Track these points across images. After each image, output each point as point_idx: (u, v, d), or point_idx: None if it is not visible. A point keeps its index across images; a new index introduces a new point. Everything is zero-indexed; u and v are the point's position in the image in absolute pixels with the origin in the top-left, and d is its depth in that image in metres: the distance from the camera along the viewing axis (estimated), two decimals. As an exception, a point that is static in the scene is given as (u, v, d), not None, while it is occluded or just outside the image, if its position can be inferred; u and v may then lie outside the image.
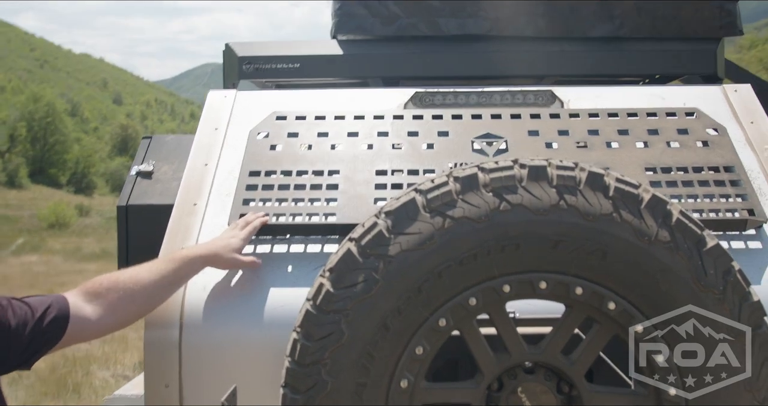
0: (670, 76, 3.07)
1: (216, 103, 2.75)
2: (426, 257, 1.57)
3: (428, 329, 1.60)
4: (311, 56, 2.93)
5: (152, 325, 2.13)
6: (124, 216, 2.63)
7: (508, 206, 1.57)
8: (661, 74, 2.97)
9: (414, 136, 2.51)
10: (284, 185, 2.37)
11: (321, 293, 1.61)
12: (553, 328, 1.68)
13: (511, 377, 1.69)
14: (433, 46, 2.94)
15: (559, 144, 2.46)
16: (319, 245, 2.28)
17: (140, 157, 2.82)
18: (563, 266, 1.59)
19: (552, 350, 1.66)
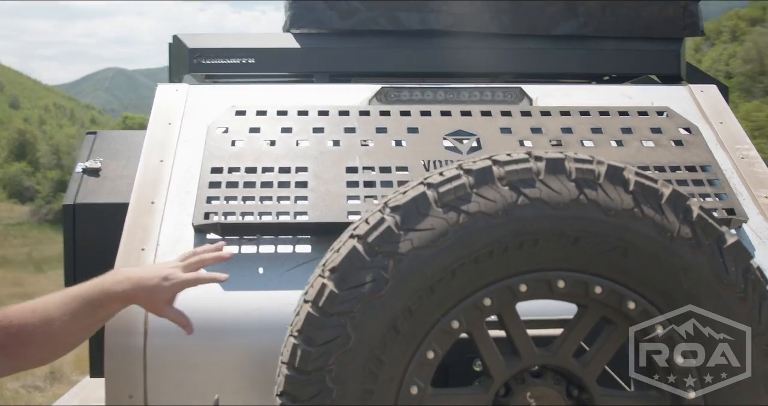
0: (628, 76, 3.05)
1: (167, 98, 2.58)
2: (439, 255, 1.46)
3: (440, 331, 1.49)
4: (267, 50, 2.78)
5: (113, 331, 1.96)
6: (71, 216, 2.43)
7: (526, 201, 1.47)
8: (625, 73, 2.95)
9: (383, 133, 2.40)
10: (250, 183, 2.22)
11: (324, 294, 1.47)
12: (565, 329, 1.60)
13: (519, 381, 1.59)
14: (395, 42, 2.84)
15: (533, 142, 2.39)
16: (290, 245, 2.15)
17: (85, 154, 2.62)
18: (582, 264, 1.51)
19: (564, 352, 1.57)
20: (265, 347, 1.96)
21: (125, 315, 1.96)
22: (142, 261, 2.08)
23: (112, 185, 2.50)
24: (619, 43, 2.89)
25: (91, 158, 2.58)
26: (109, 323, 1.95)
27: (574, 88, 2.72)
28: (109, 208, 2.42)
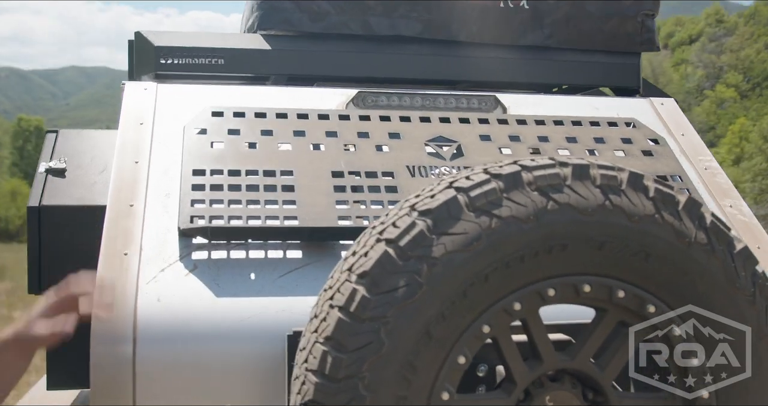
0: (579, 88, 3.13)
1: (136, 96, 2.49)
2: (473, 259, 1.46)
3: (471, 336, 1.49)
4: (239, 50, 2.72)
5: (100, 339, 1.87)
6: (36, 219, 2.31)
7: (556, 206, 1.49)
8: (587, 85, 3.03)
9: (365, 138, 2.39)
10: (234, 186, 2.17)
11: (355, 299, 1.45)
12: (584, 333, 1.62)
13: (538, 385, 1.60)
14: (365, 46, 2.83)
15: (512, 149, 2.43)
16: (280, 250, 2.11)
17: (48, 154, 2.50)
18: (607, 269, 1.54)
19: (583, 356, 1.60)
20: (262, 355, 1.92)
21: (112, 321, 1.88)
22: (126, 266, 2.00)
23: (81, 187, 2.39)
24: (582, 56, 2.97)
25: (54, 158, 2.47)
26: (95, 330, 1.87)
27: (544, 98, 2.78)
28: (78, 210, 2.32)
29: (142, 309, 1.91)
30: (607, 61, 2.99)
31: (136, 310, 1.91)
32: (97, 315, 1.80)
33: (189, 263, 2.03)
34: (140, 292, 1.94)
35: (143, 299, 1.93)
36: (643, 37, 3.02)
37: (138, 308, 1.91)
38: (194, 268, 2.02)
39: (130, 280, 1.97)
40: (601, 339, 1.61)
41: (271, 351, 1.91)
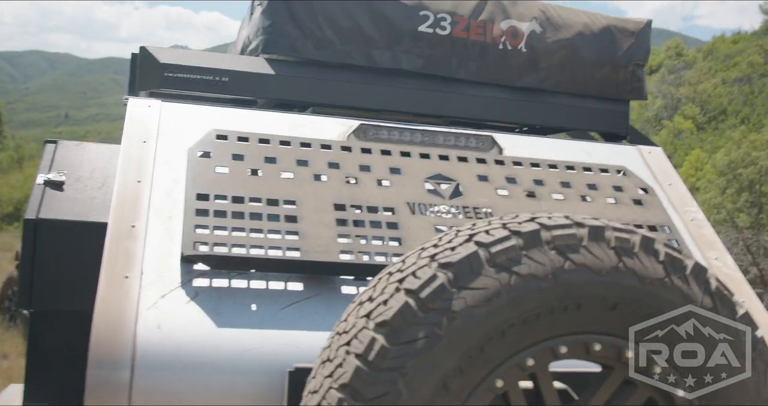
0: (558, 129, 3.20)
1: (140, 113, 2.49)
2: (492, 314, 1.49)
3: (485, 389, 1.52)
4: (243, 73, 2.73)
5: (97, 363, 1.86)
6: (33, 232, 2.28)
7: (573, 266, 1.53)
8: (578, 129, 3.10)
9: (366, 171, 2.42)
10: (238, 213, 2.18)
11: (374, 348, 1.47)
12: (590, 390, 1.66)
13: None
14: (368, 77, 2.86)
15: (509, 191, 2.48)
16: (281, 281, 2.12)
17: (46, 165, 2.48)
18: (618, 329, 1.58)
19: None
20: (261, 389, 1.92)
21: (111, 346, 1.87)
22: (126, 290, 1.99)
23: (80, 201, 2.37)
24: (574, 100, 3.04)
25: (53, 170, 2.44)
26: (92, 354, 1.86)
27: (537, 140, 2.83)
28: (76, 226, 2.30)
29: (141, 335, 1.90)
30: (597, 107, 3.06)
31: (135, 336, 1.90)
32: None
33: (190, 290, 2.02)
34: (140, 317, 1.93)
35: (143, 325, 1.92)
36: (632, 85, 3.10)
37: (138, 334, 1.90)
38: (195, 295, 2.01)
39: (130, 304, 1.96)
40: (607, 395, 1.65)
41: (271, 386, 1.92)
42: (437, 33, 2.87)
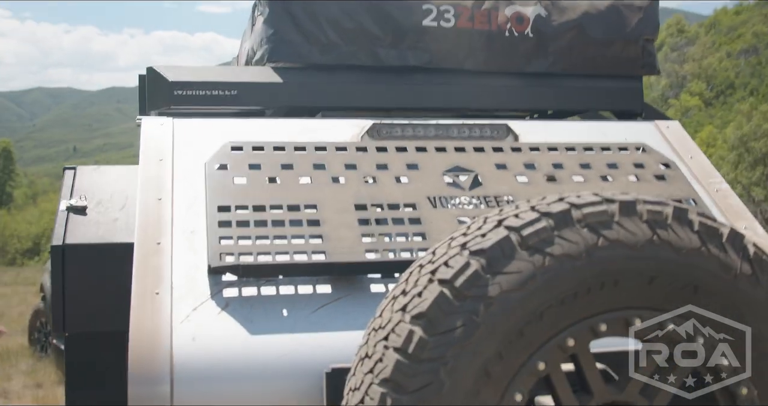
0: (575, 112, 3.17)
1: (154, 132, 2.49)
2: (528, 298, 1.47)
3: (527, 373, 1.50)
4: (251, 84, 2.73)
5: (137, 380, 1.86)
6: (60, 257, 2.29)
7: (606, 242, 1.51)
8: (593, 110, 3.07)
9: (383, 170, 2.41)
10: (261, 221, 2.17)
11: (412, 340, 1.45)
12: (631, 366, 1.64)
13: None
14: (374, 77, 2.85)
15: (528, 177, 2.46)
16: (309, 285, 2.11)
17: (67, 191, 2.49)
18: (657, 302, 1.56)
19: (632, 389, 1.61)
20: (299, 392, 1.91)
21: (149, 361, 1.87)
22: (158, 305, 1.99)
23: (102, 224, 2.38)
24: (586, 81, 3.02)
25: (74, 195, 2.45)
26: (132, 371, 1.86)
27: (552, 124, 2.81)
28: (102, 248, 2.31)
29: (177, 349, 1.90)
30: (611, 86, 3.03)
31: (172, 350, 1.90)
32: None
33: (221, 300, 2.02)
34: (175, 332, 1.93)
35: (178, 338, 1.92)
36: (644, 61, 3.07)
37: (174, 348, 1.90)
38: (226, 306, 2.01)
39: (163, 319, 1.96)
40: (650, 370, 1.62)
41: (309, 388, 1.91)
42: (442, 26, 2.86)
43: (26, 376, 8.97)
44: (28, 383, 8.63)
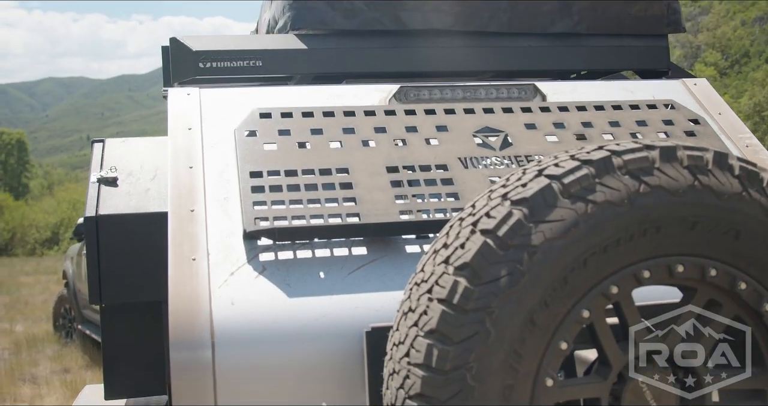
0: (603, 72, 3.15)
1: (181, 102, 2.49)
2: (571, 245, 1.47)
3: (572, 321, 1.50)
4: (276, 51, 2.72)
5: (179, 345, 1.87)
6: (95, 228, 2.30)
7: (648, 189, 1.51)
8: (618, 69, 3.05)
9: (413, 132, 2.40)
10: (293, 186, 2.18)
11: (457, 291, 1.45)
12: (674, 314, 1.64)
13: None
14: (400, 41, 2.83)
15: (559, 137, 2.45)
16: (344, 248, 2.11)
17: (97, 164, 2.50)
18: (698, 248, 1.55)
19: (674, 338, 1.61)
20: (339, 353, 1.92)
21: (189, 327, 1.89)
22: (195, 271, 2.00)
23: (134, 195, 2.39)
24: (611, 40, 2.99)
25: (104, 167, 2.46)
26: (173, 337, 1.88)
27: (579, 84, 2.79)
28: (135, 218, 2.32)
29: (217, 313, 1.91)
30: (636, 44, 3.00)
31: (211, 314, 1.91)
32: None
33: (257, 265, 2.03)
34: (213, 296, 1.94)
35: (217, 303, 1.93)
36: (669, 18, 3.04)
37: (213, 313, 1.91)
38: (263, 270, 2.02)
39: (201, 285, 1.97)
40: (692, 318, 1.62)
41: (348, 348, 1.92)
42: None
43: (53, 361, 9.08)
44: (55, 369, 8.74)
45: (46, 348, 9.91)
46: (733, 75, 35.56)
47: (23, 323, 12.13)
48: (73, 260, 9.85)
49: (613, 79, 3.09)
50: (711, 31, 39.40)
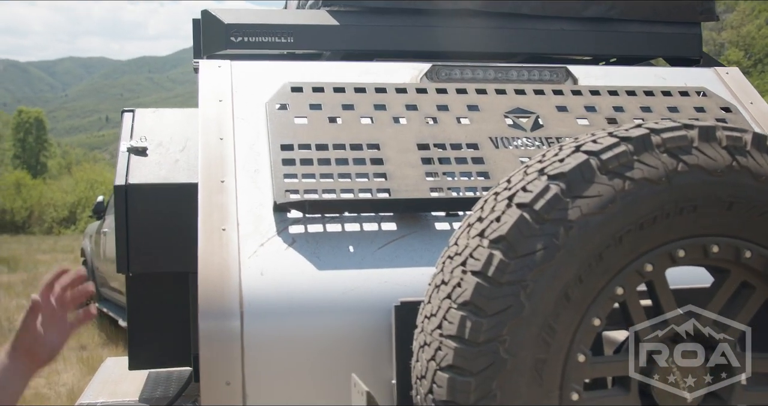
0: (636, 59, 3.13)
1: (212, 74, 2.49)
2: (608, 221, 1.47)
3: (606, 297, 1.50)
4: (308, 26, 2.72)
5: (208, 314, 1.88)
6: (124, 197, 2.32)
7: (686, 167, 1.50)
8: (650, 55, 3.03)
9: (444, 111, 2.40)
10: (324, 160, 2.18)
11: (492, 263, 1.46)
12: (707, 294, 1.63)
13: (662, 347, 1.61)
14: (432, 20, 2.83)
15: (590, 120, 2.44)
16: (374, 222, 2.12)
17: (127, 133, 2.51)
18: (734, 229, 1.55)
19: (706, 318, 1.61)
20: (367, 326, 1.93)
21: (219, 296, 1.90)
22: (225, 241, 2.01)
23: (163, 165, 2.41)
24: (644, 27, 2.97)
25: (134, 137, 2.48)
26: (202, 306, 1.89)
27: (611, 69, 2.78)
28: (164, 189, 2.34)
29: (246, 283, 1.92)
30: (669, 32, 2.98)
31: (240, 285, 1.92)
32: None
33: (287, 237, 2.04)
34: (243, 266, 1.95)
35: (247, 273, 1.94)
36: (702, 6, 3.02)
37: (243, 283, 1.92)
38: (293, 242, 2.03)
39: (231, 255, 1.98)
40: (724, 301, 1.62)
41: (376, 322, 1.93)
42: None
43: (70, 339, 9.14)
44: (72, 346, 8.81)
45: (63, 325, 9.98)
46: (755, 74, 35.20)
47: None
48: (92, 238, 9.92)
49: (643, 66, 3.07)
50: (735, 29, 39.01)
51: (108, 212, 8.96)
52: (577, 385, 1.50)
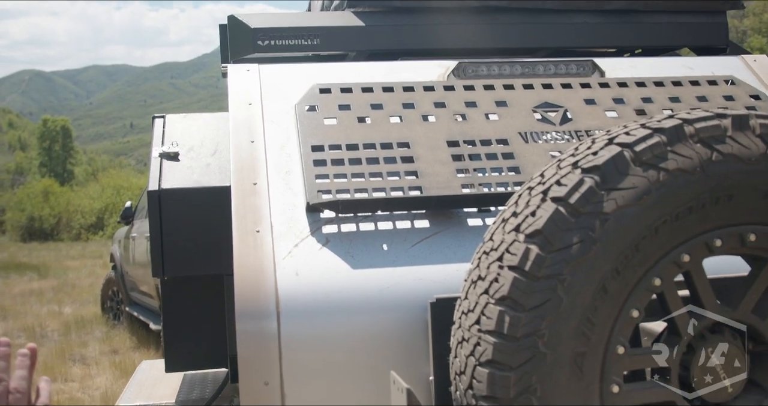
0: (663, 49, 3.11)
1: (241, 78, 2.52)
2: (643, 213, 1.47)
3: (643, 289, 1.50)
4: (334, 28, 2.74)
5: (245, 315, 1.90)
6: (157, 202, 2.35)
7: (720, 157, 1.50)
8: (676, 46, 3.02)
9: (473, 107, 2.40)
10: (355, 159, 2.19)
11: (529, 258, 1.46)
12: (745, 284, 1.63)
13: (699, 338, 1.61)
14: (457, 18, 2.83)
15: (619, 112, 2.43)
16: (407, 220, 2.13)
17: (158, 139, 2.54)
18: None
19: (745, 307, 1.60)
20: (403, 323, 1.94)
21: (255, 297, 1.92)
22: (260, 243, 2.03)
23: (195, 169, 2.43)
24: (669, 17, 2.95)
25: (165, 143, 2.51)
26: (239, 307, 1.91)
27: (638, 61, 2.77)
28: (197, 192, 2.36)
29: (282, 284, 1.94)
30: (695, 21, 2.97)
31: (276, 285, 1.94)
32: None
33: (321, 237, 2.05)
34: (278, 267, 1.97)
35: (282, 274, 1.96)
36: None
37: (278, 284, 1.94)
38: (327, 242, 2.04)
39: (266, 256, 2.00)
40: (762, 289, 1.61)
41: (412, 319, 1.94)
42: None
43: (101, 343, 9.26)
44: (104, 350, 8.92)
45: (95, 330, 10.12)
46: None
47: (71, 305, 12.38)
48: (121, 244, 10.02)
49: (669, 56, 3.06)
50: (757, 15, 38.56)
51: (137, 217, 9.05)
52: (617, 377, 1.50)
